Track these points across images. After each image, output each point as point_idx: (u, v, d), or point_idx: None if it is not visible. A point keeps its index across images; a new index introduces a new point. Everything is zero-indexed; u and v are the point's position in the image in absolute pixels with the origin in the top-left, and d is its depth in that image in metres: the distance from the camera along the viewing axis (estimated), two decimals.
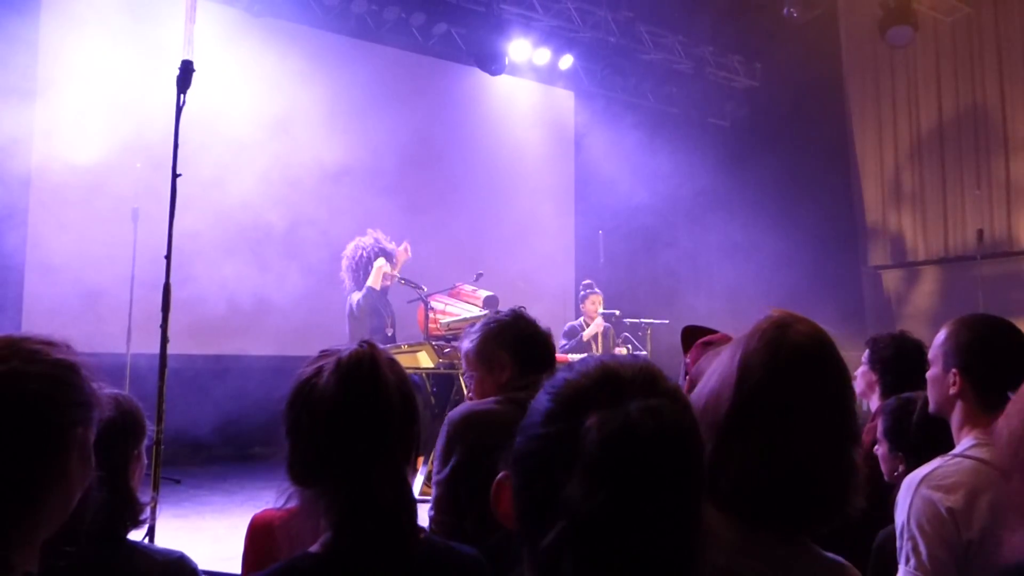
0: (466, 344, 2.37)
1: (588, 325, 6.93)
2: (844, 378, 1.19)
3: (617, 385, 0.83)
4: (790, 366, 1.15)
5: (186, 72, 3.40)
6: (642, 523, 0.79)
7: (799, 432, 1.12)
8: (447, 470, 2.10)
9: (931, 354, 1.84)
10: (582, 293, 7.11)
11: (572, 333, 6.94)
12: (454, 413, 2.19)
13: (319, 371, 1.31)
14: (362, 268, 5.86)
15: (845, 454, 1.15)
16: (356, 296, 5.83)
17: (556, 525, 0.80)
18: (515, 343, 2.30)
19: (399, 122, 7.94)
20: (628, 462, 0.79)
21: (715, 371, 1.22)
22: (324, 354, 1.36)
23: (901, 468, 2.02)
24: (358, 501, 1.25)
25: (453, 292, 6.42)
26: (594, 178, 9.03)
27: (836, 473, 1.14)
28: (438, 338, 5.89)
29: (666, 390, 0.85)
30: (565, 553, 0.79)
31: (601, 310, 6.98)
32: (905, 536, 1.62)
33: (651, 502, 0.79)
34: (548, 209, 9.09)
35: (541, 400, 0.87)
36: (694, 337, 2.39)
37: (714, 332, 2.41)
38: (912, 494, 1.65)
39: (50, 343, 1.10)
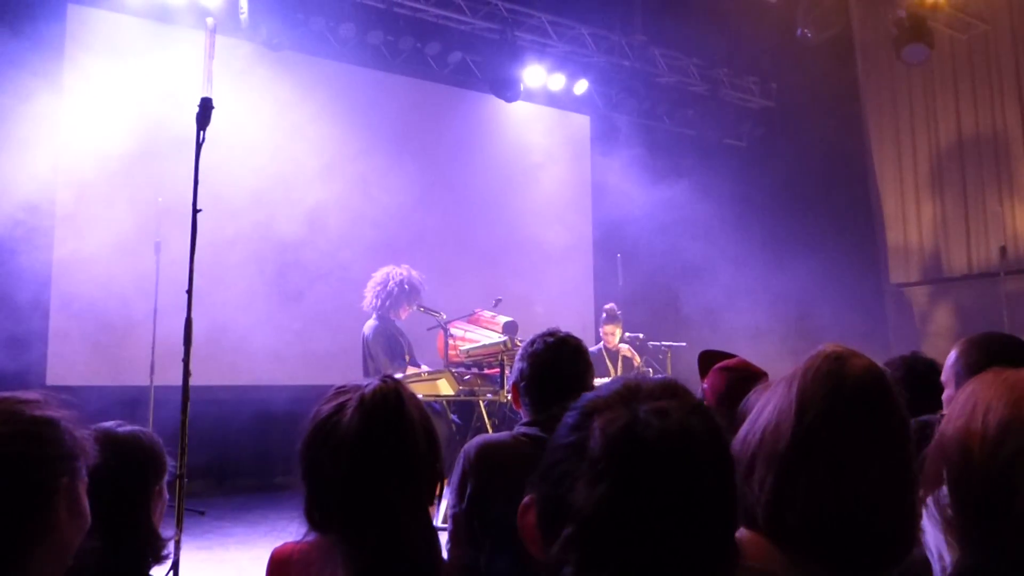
0: (516, 362, 2.30)
1: (609, 351, 6.90)
2: (903, 413, 1.17)
3: (633, 393, 0.84)
4: (851, 400, 1.13)
5: (205, 110, 3.42)
6: (644, 524, 0.76)
7: (865, 468, 1.10)
8: (463, 504, 2.06)
9: (944, 375, 1.81)
10: (604, 315, 7.09)
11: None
12: (469, 446, 2.16)
13: (340, 408, 1.27)
14: (389, 297, 5.86)
15: (910, 491, 1.13)
16: (371, 323, 5.85)
17: (564, 532, 0.79)
18: (532, 374, 2.21)
19: (415, 150, 8.00)
20: (629, 459, 0.78)
21: (769, 403, 1.19)
22: (342, 391, 1.31)
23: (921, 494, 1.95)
24: (385, 549, 1.19)
25: (472, 318, 6.38)
26: (611, 202, 9.01)
27: (903, 511, 1.11)
28: (458, 365, 5.86)
29: (682, 396, 0.84)
30: (569, 557, 0.78)
31: (619, 338, 6.94)
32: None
33: (654, 502, 0.77)
34: (566, 233, 9.07)
35: (566, 416, 0.87)
36: (711, 362, 2.38)
37: (731, 356, 2.40)
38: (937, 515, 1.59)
39: (25, 401, 1.09)
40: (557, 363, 2.21)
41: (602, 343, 6.99)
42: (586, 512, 0.78)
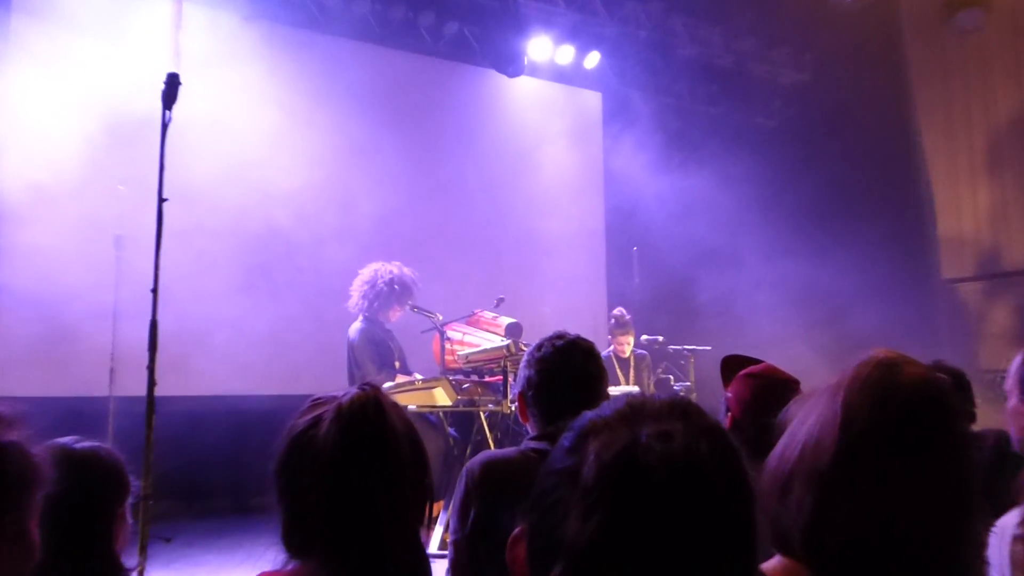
0: (521, 370, 2.34)
1: (619, 357, 6.97)
2: (963, 429, 1.16)
3: (637, 413, 0.84)
4: (902, 412, 1.12)
5: (172, 86, 3.42)
6: (642, 562, 0.75)
7: (917, 490, 1.08)
8: (466, 529, 2.07)
9: (1008, 384, 1.82)
10: (612, 322, 7.11)
11: None
12: (472, 463, 2.17)
13: (316, 421, 1.29)
14: (378, 298, 5.93)
15: (970, 518, 1.11)
16: (356, 326, 5.89)
17: (554, 570, 0.78)
18: (540, 382, 2.25)
19: (407, 131, 8.00)
20: (625, 488, 0.77)
21: (810, 415, 1.19)
22: (317, 402, 1.34)
23: None
24: (372, 572, 1.20)
25: (472, 320, 6.42)
26: (626, 188, 8.99)
27: (961, 540, 1.10)
28: (456, 372, 5.90)
29: (691, 417, 0.84)
30: None
31: (632, 347, 6.98)
32: None
33: (653, 537, 0.76)
34: (575, 224, 9.06)
35: (563, 437, 0.87)
36: (735, 367, 2.41)
37: (757, 362, 2.44)
38: (1009, 545, 1.59)
39: None
40: (568, 369, 2.23)
41: (611, 349, 7.06)
42: (578, 547, 0.77)
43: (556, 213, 8.94)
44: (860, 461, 1.10)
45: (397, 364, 5.92)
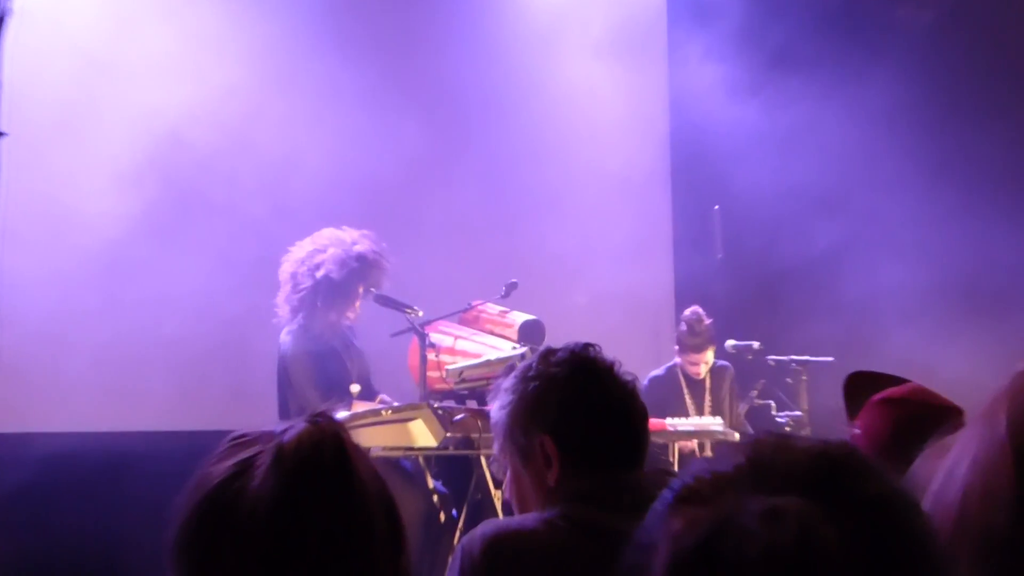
0: (495, 411, 2.42)
1: (687, 374, 7.14)
2: None
3: (758, 469, 0.87)
4: None
5: None
6: None
7: None
8: None
9: None
10: (682, 329, 7.13)
11: (657, 387, 7.08)
12: (472, 538, 2.22)
13: (244, 470, 1.31)
14: (321, 287, 5.94)
15: None
16: (290, 332, 5.96)
17: None
18: (571, 417, 2.32)
19: (391, 43, 8.16)
20: None
21: (964, 455, 1.22)
22: (242, 441, 1.36)
23: None
24: None
25: (468, 317, 6.51)
26: (702, 125, 8.94)
27: None
28: (445, 395, 5.96)
29: (835, 481, 0.85)
30: None
31: (711, 365, 7.11)
32: None
33: None
34: (625, 175, 8.95)
35: (658, 501, 0.92)
36: (867, 390, 2.53)
37: (900, 381, 2.54)
38: None
39: None
40: (604, 394, 2.35)
41: (676, 363, 7.22)
42: None
43: (596, 159, 8.87)
44: None
45: (355, 387, 5.93)
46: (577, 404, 2.33)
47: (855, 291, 8.50)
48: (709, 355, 7.11)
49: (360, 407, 5.71)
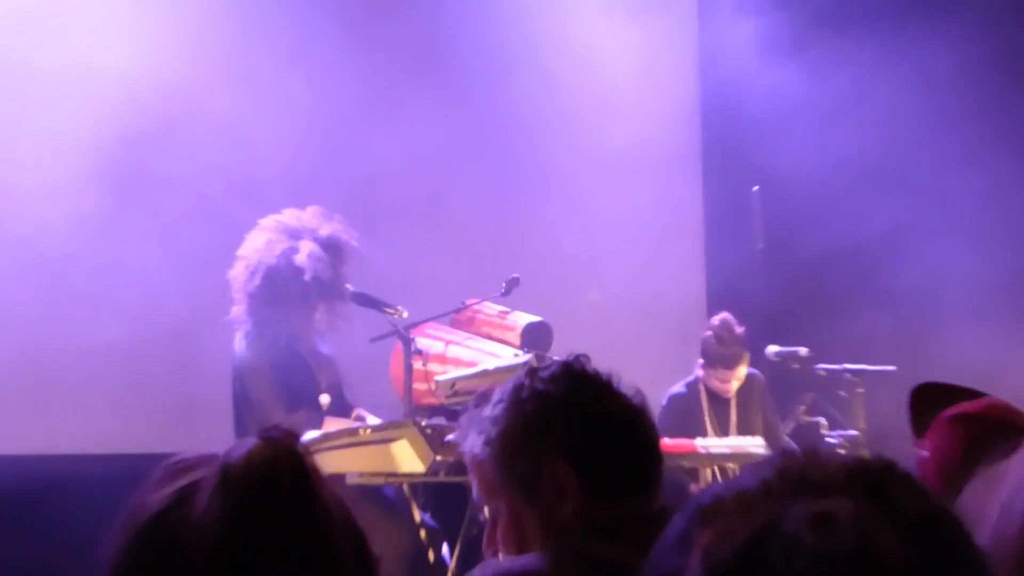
0: (471, 440, 2.43)
1: (712, 390, 7.11)
2: None
3: (789, 482, 0.92)
4: None
5: None
6: None
7: None
8: None
9: None
10: (708, 334, 7.06)
11: (677, 406, 7.11)
12: None
13: (185, 496, 1.32)
14: (277, 282, 5.93)
15: None
16: (245, 338, 5.96)
17: None
18: (585, 437, 2.34)
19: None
20: None
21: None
22: (182, 466, 1.38)
23: None
24: None
25: (463, 318, 6.65)
26: (738, 92, 8.93)
27: None
28: (434, 411, 6.05)
29: (883, 491, 0.91)
30: None
31: (742, 379, 7.10)
32: None
33: None
34: (647, 154, 8.87)
35: (672, 524, 0.98)
36: (936, 404, 2.56)
37: (975, 394, 2.58)
38: None
39: None
40: (604, 411, 2.37)
41: (700, 377, 7.14)
42: None
43: (612, 132, 8.74)
44: None
45: (324, 398, 5.95)
46: (588, 422, 2.34)
47: (917, 284, 8.54)
48: (742, 370, 7.05)
49: (333, 424, 5.73)
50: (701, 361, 7.14)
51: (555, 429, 2.32)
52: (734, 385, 7.10)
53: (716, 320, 7.13)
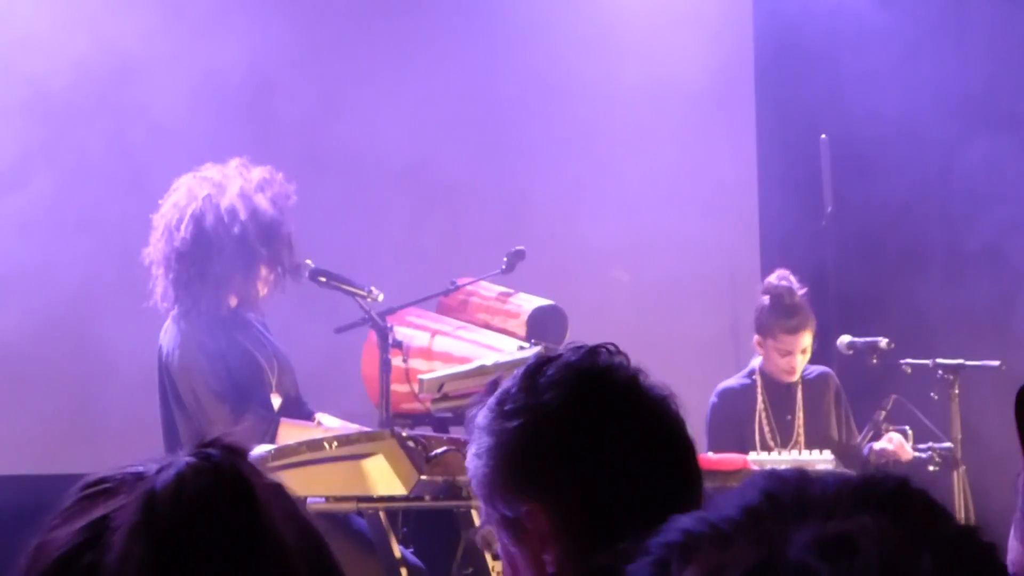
0: (469, 459, 2.40)
1: (774, 379, 7.14)
2: None
3: (782, 507, 0.93)
4: None
5: None
6: None
7: None
8: None
9: None
10: (766, 303, 7.13)
11: (729, 406, 7.16)
12: None
13: (96, 535, 1.30)
14: (211, 237, 6.01)
15: None
16: (174, 329, 6.03)
17: None
18: (575, 473, 2.30)
19: None
20: None
21: None
22: (95, 491, 1.36)
23: None
24: None
25: (453, 302, 6.81)
26: (800, 16, 9.03)
27: None
28: (418, 420, 6.34)
29: (902, 511, 0.92)
30: None
31: (808, 359, 7.12)
32: None
33: None
34: (688, 95, 9.00)
35: (634, 565, 0.99)
36: None
37: None
38: None
39: None
40: (612, 431, 2.34)
41: (757, 366, 7.22)
42: None
43: (643, 68, 8.92)
44: None
45: (276, 397, 6.05)
46: (589, 449, 2.29)
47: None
48: (806, 338, 7.00)
49: (290, 433, 5.83)
50: (757, 337, 7.15)
51: (539, 462, 2.29)
52: (799, 362, 7.04)
53: (773, 279, 7.14)
